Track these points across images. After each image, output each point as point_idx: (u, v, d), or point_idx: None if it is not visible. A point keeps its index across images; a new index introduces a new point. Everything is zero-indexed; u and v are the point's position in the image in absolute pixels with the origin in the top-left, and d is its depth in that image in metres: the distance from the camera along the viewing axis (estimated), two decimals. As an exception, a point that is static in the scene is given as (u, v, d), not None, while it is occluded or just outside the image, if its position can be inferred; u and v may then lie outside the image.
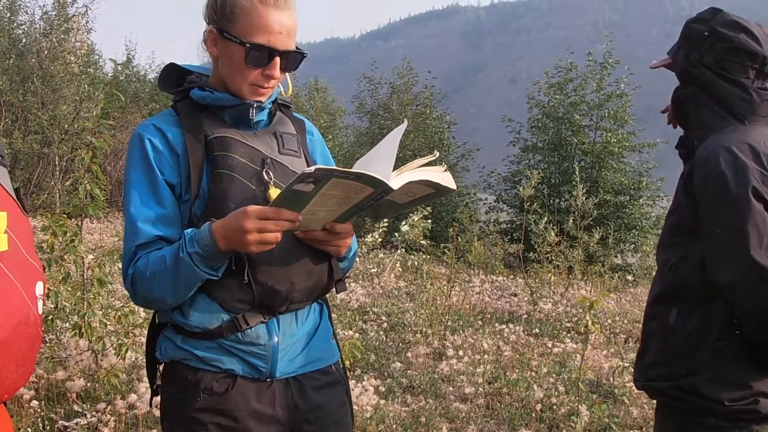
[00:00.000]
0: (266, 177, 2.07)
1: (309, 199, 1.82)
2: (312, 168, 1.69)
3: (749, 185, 2.21)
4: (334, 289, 2.24)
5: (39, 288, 1.58)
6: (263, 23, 2.01)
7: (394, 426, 5.06)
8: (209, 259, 1.91)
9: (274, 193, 2.01)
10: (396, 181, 1.85)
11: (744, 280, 2.17)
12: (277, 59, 2.05)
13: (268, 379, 2.09)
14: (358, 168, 1.81)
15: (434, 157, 2.01)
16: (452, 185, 2.02)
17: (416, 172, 1.93)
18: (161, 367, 2.18)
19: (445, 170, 2.01)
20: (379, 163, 1.85)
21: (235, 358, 2.06)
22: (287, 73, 2.16)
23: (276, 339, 2.08)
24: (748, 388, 2.29)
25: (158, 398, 2.20)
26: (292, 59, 2.09)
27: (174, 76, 2.24)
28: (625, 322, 9.66)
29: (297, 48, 2.09)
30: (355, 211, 1.97)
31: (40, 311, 1.56)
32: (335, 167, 1.75)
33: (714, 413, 2.29)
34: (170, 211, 2.05)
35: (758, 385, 2.31)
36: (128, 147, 2.12)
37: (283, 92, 2.29)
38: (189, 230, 1.96)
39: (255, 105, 2.10)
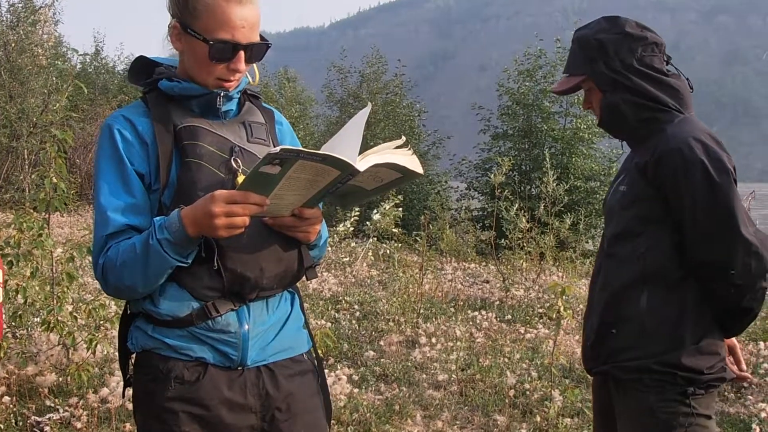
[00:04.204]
0: (234, 165, 2.08)
1: (276, 183, 1.82)
2: (277, 149, 1.70)
3: (728, 170, 2.39)
4: (305, 277, 2.24)
5: None
6: (225, 19, 2.01)
7: (368, 414, 5.07)
8: (179, 245, 1.91)
9: (242, 180, 2.01)
10: (362, 163, 1.86)
11: (736, 254, 2.37)
12: (241, 53, 2.06)
13: (239, 368, 2.09)
14: (324, 151, 1.82)
15: (401, 142, 2.02)
16: (419, 169, 2.03)
17: (382, 154, 1.94)
18: (133, 358, 2.18)
19: (412, 154, 2.02)
20: (345, 145, 1.87)
21: (206, 346, 2.06)
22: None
23: (246, 327, 2.09)
24: (717, 354, 2.50)
25: (131, 390, 2.19)
26: (257, 50, 2.10)
27: (143, 68, 2.24)
28: (597, 306, 9.68)
29: (261, 38, 2.10)
30: (323, 195, 1.97)
31: (0, 299, 1.56)
32: (301, 148, 1.75)
33: (693, 382, 2.45)
34: (140, 200, 2.05)
35: (722, 352, 2.53)
36: (98, 138, 2.12)
37: (250, 81, 2.28)
38: (159, 218, 1.96)
39: (222, 94, 2.11)
